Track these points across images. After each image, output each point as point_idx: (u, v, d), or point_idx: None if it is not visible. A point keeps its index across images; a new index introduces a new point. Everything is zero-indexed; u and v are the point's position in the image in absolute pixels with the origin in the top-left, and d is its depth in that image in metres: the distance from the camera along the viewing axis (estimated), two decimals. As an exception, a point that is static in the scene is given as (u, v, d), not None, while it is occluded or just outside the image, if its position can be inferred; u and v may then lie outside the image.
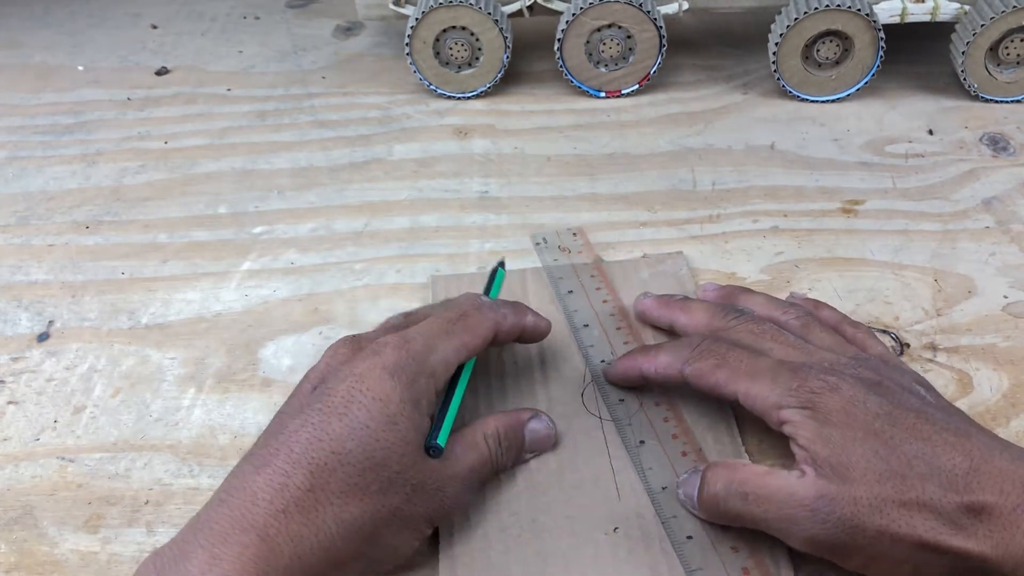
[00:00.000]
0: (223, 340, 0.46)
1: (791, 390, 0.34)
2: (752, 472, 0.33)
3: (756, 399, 0.35)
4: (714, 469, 0.34)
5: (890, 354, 0.39)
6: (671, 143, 0.58)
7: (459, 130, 0.61)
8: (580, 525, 0.36)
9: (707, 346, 0.37)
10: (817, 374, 0.34)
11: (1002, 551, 0.29)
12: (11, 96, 0.68)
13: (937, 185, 0.53)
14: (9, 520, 0.38)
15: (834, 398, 0.33)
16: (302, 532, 0.30)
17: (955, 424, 0.32)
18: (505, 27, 0.60)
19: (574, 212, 0.53)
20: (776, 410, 0.34)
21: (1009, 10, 0.55)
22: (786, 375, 0.34)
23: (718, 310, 0.40)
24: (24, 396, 0.44)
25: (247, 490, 0.30)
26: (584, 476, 0.38)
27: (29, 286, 0.50)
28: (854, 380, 0.34)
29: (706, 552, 0.34)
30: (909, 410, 0.33)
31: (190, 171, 0.58)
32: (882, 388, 0.34)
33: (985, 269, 0.47)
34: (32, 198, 0.57)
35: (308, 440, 0.31)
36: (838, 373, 0.34)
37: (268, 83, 0.67)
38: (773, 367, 0.35)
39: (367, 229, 0.53)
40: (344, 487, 0.31)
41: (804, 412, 0.33)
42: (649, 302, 0.43)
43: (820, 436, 0.32)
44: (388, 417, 0.32)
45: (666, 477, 0.37)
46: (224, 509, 0.30)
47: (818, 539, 0.31)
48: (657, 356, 0.39)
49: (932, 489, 0.30)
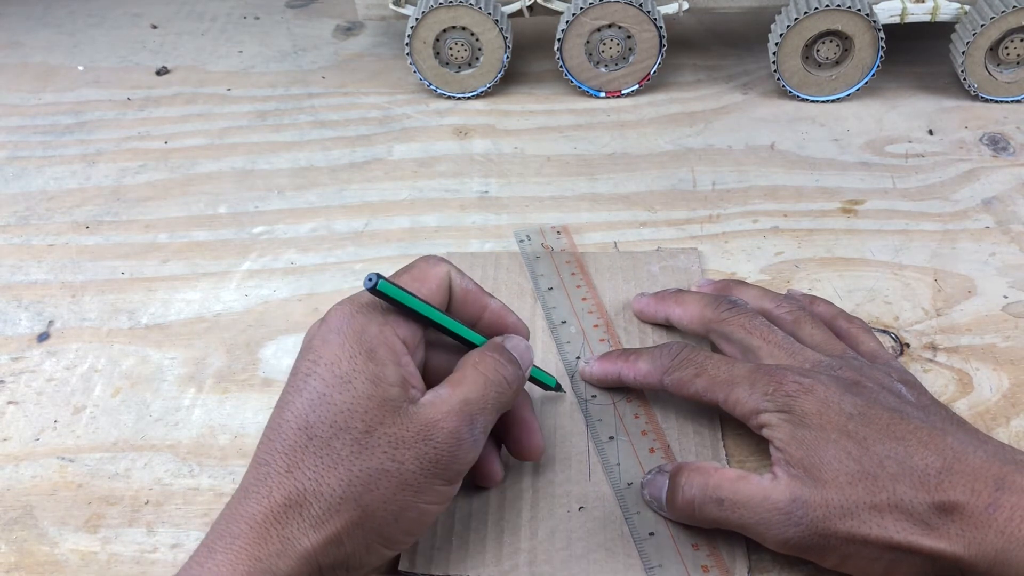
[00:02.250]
0: (223, 340, 0.46)
1: (767, 394, 0.34)
2: (725, 477, 0.33)
3: (735, 405, 0.35)
4: (687, 474, 0.34)
5: (881, 350, 0.39)
6: (671, 143, 0.58)
7: (459, 130, 0.61)
8: (545, 499, 0.37)
9: (686, 355, 0.37)
10: (793, 377, 0.34)
11: (975, 550, 0.29)
12: (11, 96, 0.68)
13: (937, 185, 0.53)
14: (9, 520, 0.38)
15: (809, 400, 0.33)
16: (288, 515, 0.29)
17: (932, 422, 0.33)
18: (505, 27, 0.60)
19: (574, 212, 0.53)
20: (755, 414, 0.34)
21: (1009, 10, 0.55)
22: (763, 379, 0.35)
23: (711, 301, 0.40)
24: (24, 396, 0.44)
25: (242, 484, 0.31)
26: (558, 455, 0.38)
27: (29, 286, 0.50)
28: (831, 380, 0.34)
29: (667, 549, 0.35)
30: (884, 409, 0.33)
31: (190, 171, 0.58)
32: (860, 388, 0.34)
33: (985, 269, 0.47)
34: (32, 198, 0.57)
35: (278, 424, 0.31)
36: (815, 374, 0.34)
37: (268, 83, 0.67)
38: (750, 372, 0.35)
39: (367, 229, 0.53)
40: (316, 460, 0.30)
41: (780, 415, 0.33)
42: (646, 300, 0.44)
43: (794, 438, 0.33)
44: (340, 378, 0.31)
45: (634, 473, 0.37)
46: (226, 507, 0.30)
47: (792, 541, 0.32)
48: (637, 363, 0.39)
49: (903, 489, 0.31)
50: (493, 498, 0.37)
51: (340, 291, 0.48)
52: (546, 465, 0.38)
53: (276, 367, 0.44)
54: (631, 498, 0.36)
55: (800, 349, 0.37)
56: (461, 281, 0.35)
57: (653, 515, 0.36)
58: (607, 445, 0.39)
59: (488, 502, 0.37)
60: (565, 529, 0.36)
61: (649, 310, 0.44)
